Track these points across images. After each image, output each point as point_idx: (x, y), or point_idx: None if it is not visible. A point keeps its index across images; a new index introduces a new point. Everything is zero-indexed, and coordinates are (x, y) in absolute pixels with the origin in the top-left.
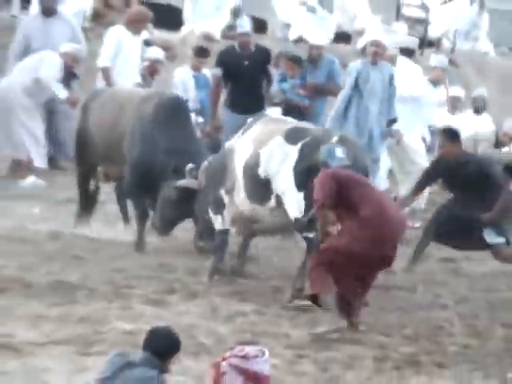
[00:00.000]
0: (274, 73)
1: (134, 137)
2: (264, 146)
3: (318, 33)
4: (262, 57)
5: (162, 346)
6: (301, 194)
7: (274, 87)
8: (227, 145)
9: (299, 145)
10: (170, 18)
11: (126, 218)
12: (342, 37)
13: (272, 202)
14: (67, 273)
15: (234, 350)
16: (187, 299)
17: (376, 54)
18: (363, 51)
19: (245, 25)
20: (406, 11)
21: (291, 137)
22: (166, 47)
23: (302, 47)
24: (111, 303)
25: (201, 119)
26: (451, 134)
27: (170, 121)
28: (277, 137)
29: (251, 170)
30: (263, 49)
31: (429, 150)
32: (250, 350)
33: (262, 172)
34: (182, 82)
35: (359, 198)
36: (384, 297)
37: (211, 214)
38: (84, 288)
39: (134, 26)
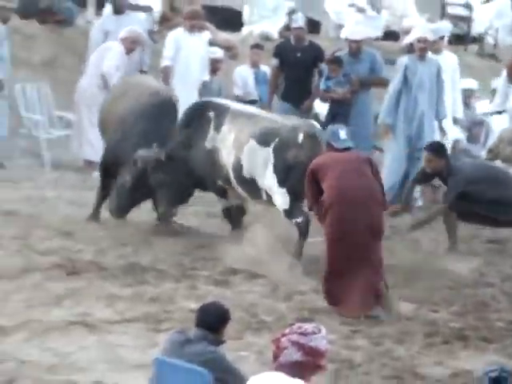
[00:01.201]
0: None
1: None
2: (242, 151)
3: (356, 29)
4: (314, 52)
5: (213, 320)
6: (284, 189)
7: (321, 86)
8: (207, 144)
9: (272, 147)
10: (231, 20)
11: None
12: (390, 35)
13: (264, 197)
14: (139, 256)
15: (294, 327)
16: (249, 279)
17: (423, 49)
18: (409, 48)
19: (299, 20)
20: (450, 10)
21: (262, 139)
22: (228, 47)
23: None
24: (179, 284)
25: None
26: (436, 149)
27: (153, 115)
28: (250, 141)
29: (237, 172)
30: (316, 45)
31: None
32: (308, 326)
33: (246, 174)
34: (242, 78)
35: (326, 179)
36: (433, 276)
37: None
38: (154, 270)
39: (188, 22)
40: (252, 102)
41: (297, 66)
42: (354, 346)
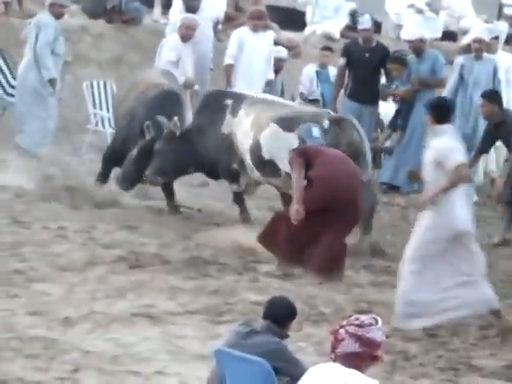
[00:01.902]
0: None
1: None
2: (262, 132)
3: (410, 30)
4: (381, 53)
5: (280, 314)
6: None
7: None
8: (225, 129)
9: (296, 132)
10: (295, 20)
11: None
12: (449, 35)
13: (283, 175)
14: (201, 249)
15: (351, 319)
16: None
17: (478, 49)
18: (467, 48)
19: (366, 22)
20: (506, 11)
21: (286, 124)
22: (291, 46)
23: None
24: (240, 276)
25: None
26: (489, 94)
27: (159, 107)
28: (272, 125)
29: (255, 153)
30: (383, 46)
31: None
32: (364, 318)
33: (265, 156)
34: (309, 78)
35: (317, 165)
36: (487, 269)
37: (228, 182)
38: (216, 263)
39: (252, 22)
40: (314, 101)
41: (364, 66)
42: (410, 338)
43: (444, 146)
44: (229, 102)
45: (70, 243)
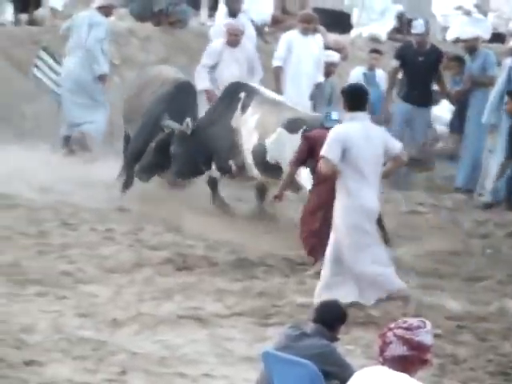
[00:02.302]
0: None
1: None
2: (268, 137)
3: (468, 29)
4: (435, 56)
5: (331, 318)
6: (307, 170)
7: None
8: (233, 123)
9: (299, 133)
10: (341, 23)
11: None
12: (497, 37)
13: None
14: (248, 251)
15: (399, 322)
16: None
17: None
18: None
19: (419, 26)
20: None
21: (291, 127)
22: (339, 48)
23: (459, 46)
24: (287, 279)
25: None
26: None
27: (176, 102)
28: (279, 129)
29: (259, 156)
30: (437, 49)
31: None
32: (413, 321)
33: (270, 159)
34: (357, 80)
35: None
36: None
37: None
38: (263, 265)
39: (302, 25)
40: None
41: (419, 69)
42: (459, 342)
43: (333, 132)
44: (242, 95)
45: (117, 245)
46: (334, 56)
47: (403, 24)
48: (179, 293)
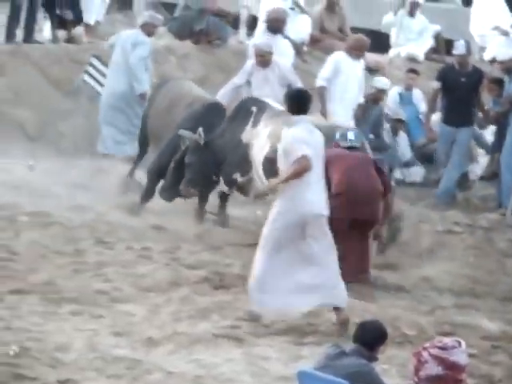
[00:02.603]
0: None
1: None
2: (280, 143)
3: (505, 50)
4: (477, 76)
5: (371, 338)
6: None
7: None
8: (244, 137)
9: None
10: (379, 43)
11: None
12: None
13: None
14: None
15: (434, 341)
16: (392, 293)
17: None
18: None
19: (461, 47)
20: None
21: None
22: (377, 68)
23: (496, 67)
24: None
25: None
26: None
27: (205, 121)
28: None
29: (270, 164)
30: (479, 70)
31: None
32: (448, 341)
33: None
34: (394, 99)
35: (334, 171)
36: None
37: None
38: None
39: (354, 52)
40: (398, 121)
41: (460, 90)
42: (494, 362)
43: (292, 136)
44: (254, 109)
45: (153, 263)
46: (386, 84)
47: (440, 44)
48: (215, 312)
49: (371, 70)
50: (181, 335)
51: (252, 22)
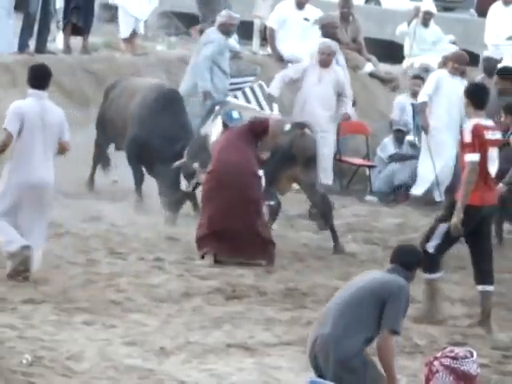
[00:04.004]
0: None
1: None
2: None
3: None
4: None
5: (409, 259)
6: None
7: None
8: (203, 131)
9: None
10: (393, 53)
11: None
12: None
13: None
14: (297, 281)
15: (445, 351)
16: None
17: None
18: None
19: None
20: None
21: None
22: (389, 79)
23: None
24: None
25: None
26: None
27: (165, 109)
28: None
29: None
30: None
31: None
32: (459, 351)
33: None
34: (401, 107)
35: (214, 150)
36: None
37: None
38: (312, 294)
39: (454, 67)
40: (398, 131)
41: None
42: (506, 371)
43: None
44: (217, 107)
45: (166, 274)
46: None
47: None
48: (228, 322)
49: (383, 81)
50: (193, 345)
51: (265, 33)
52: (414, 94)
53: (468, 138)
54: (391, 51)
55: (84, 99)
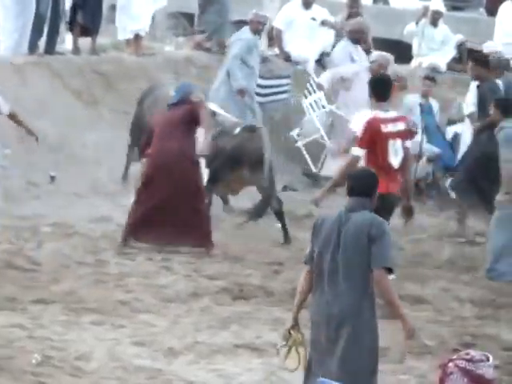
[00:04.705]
0: None
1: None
2: None
3: None
4: None
5: (367, 186)
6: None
7: None
8: None
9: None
10: (401, 53)
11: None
12: None
13: None
14: None
15: (461, 353)
16: (413, 304)
17: None
18: None
19: None
20: None
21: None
22: (397, 78)
23: None
24: None
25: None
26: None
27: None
28: None
29: None
30: None
31: None
32: (475, 354)
33: None
34: (409, 107)
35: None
36: None
37: None
38: None
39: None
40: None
41: None
42: None
43: None
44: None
45: (174, 275)
46: None
47: (463, 54)
48: (235, 322)
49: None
50: (201, 345)
51: (272, 33)
52: (424, 95)
53: (360, 132)
54: (399, 51)
55: (92, 100)
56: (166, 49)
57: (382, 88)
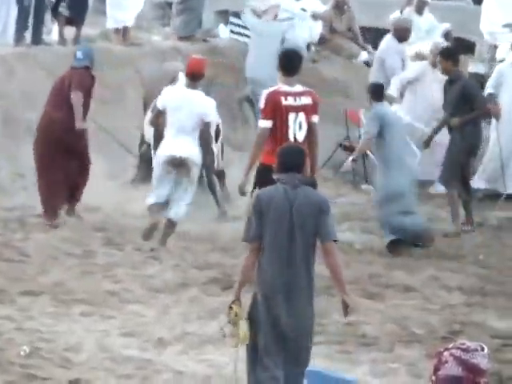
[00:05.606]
0: None
1: None
2: None
3: None
4: None
5: (298, 163)
6: None
7: None
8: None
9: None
10: None
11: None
12: None
13: None
14: None
15: (457, 343)
16: (402, 292)
17: None
18: None
19: None
20: None
21: None
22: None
23: None
24: (332, 298)
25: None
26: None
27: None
28: None
29: None
30: None
31: None
32: (471, 344)
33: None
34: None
35: None
36: None
37: None
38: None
39: None
40: None
41: None
42: (504, 360)
43: None
44: None
45: (162, 265)
46: None
47: (450, 43)
48: (224, 312)
49: None
50: (190, 335)
51: None
52: None
53: (262, 104)
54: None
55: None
56: (154, 38)
57: (289, 63)
